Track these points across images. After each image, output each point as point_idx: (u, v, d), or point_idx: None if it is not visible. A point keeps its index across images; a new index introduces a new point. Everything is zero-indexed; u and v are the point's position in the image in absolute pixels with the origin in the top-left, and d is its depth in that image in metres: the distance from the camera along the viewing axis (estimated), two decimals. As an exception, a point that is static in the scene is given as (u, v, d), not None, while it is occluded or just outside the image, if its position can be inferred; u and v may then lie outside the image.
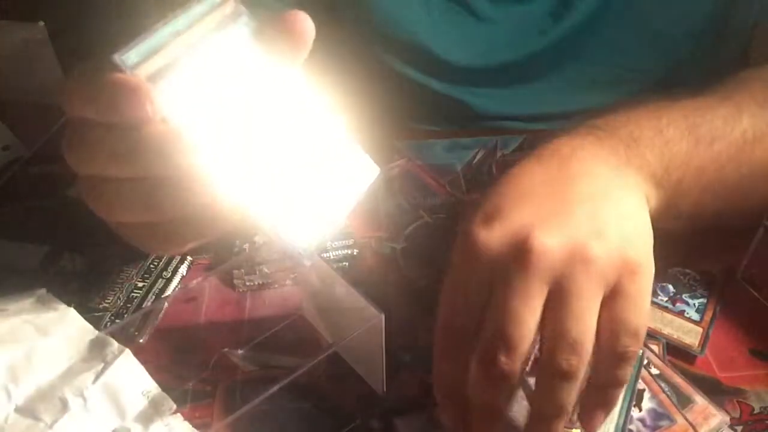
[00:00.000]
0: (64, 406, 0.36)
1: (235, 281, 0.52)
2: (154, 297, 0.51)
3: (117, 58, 0.32)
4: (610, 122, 0.44)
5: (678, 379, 0.44)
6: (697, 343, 0.46)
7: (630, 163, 0.42)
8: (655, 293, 0.50)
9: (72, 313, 0.41)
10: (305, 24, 0.36)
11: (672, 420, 0.41)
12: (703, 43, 0.67)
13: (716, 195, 0.46)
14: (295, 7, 0.62)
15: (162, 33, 0.34)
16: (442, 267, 0.39)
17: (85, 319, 0.41)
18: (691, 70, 0.69)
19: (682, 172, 0.44)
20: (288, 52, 0.37)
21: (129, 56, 0.33)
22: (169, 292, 0.51)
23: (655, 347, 0.46)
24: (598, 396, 0.39)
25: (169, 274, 0.52)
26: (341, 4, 0.69)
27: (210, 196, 0.34)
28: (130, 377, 0.37)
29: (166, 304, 0.50)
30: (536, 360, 0.44)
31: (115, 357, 0.38)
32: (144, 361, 0.38)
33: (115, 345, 0.38)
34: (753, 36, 0.66)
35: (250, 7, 0.36)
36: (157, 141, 0.33)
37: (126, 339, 0.39)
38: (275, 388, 0.41)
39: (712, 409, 0.42)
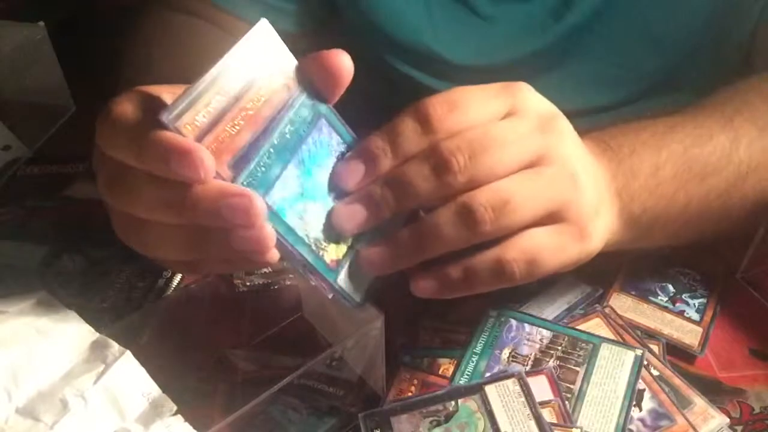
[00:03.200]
0: (65, 407, 0.36)
1: (236, 281, 0.52)
2: (154, 297, 0.51)
3: (165, 117, 0.32)
4: (620, 146, 0.45)
5: (678, 380, 0.44)
6: (697, 343, 0.46)
7: (621, 197, 0.44)
8: (655, 293, 0.50)
9: (73, 315, 0.41)
10: (345, 62, 0.38)
11: (672, 420, 0.41)
12: (702, 44, 0.67)
13: (697, 225, 0.47)
14: (297, 8, 0.63)
15: (205, 88, 0.33)
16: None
17: (85, 319, 0.41)
18: (691, 70, 0.69)
19: (665, 211, 0.45)
20: (328, 91, 0.38)
21: (176, 114, 0.33)
22: (169, 292, 0.51)
23: (655, 347, 0.46)
24: (450, 271, 0.38)
25: (169, 274, 0.52)
26: (342, 4, 0.69)
27: (257, 247, 0.34)
28: (131, 379, 0.38)
29: (166, 304, 0.50)
30: (536, 360, 0.44)
31: (116, 359, 0.38)
32: (144, 362, 0.38)
33: (115, 347, 0.38)
34: (755, 36, 0.66)
35: (250, 6, 0.36)
36: (208, 198, 0.33)
37: (126, 340, 0.39)
38: (275, 388, 0.41)
39: (711, 409, 0.42)
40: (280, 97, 0.37)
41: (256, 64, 0.36)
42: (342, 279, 0.38)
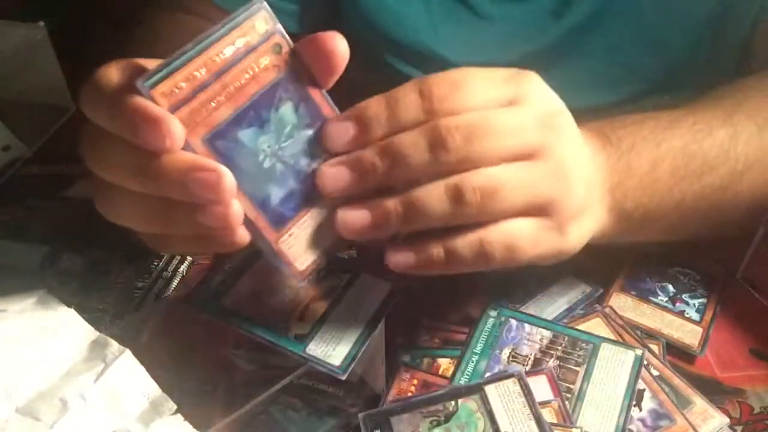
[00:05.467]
0: (65, 406, 0.36)
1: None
2: (154, 297, 0.51)
3: (140, 84, 0.32)
4: (620, 140, 0.45)
5: (678, 380, 0.44)
6: (697, 343, 0.46)
7: (614, 194, 0.44)
8: (655, 293, 0.50)
9: (72, 314, 0.41)
10: (340, 44, 0.37)
11: (672, 420, 0.41)
12: (702, 43, 0.67)
13: (691, 222, 0.47)
14: (298, 8, 0.62)
15: (187, 58, 0.33)
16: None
17: (85, 319, 0.41)
18: (690, 70, 0.69)
19: (657, 207, 0.46)
20: (322, 74, 0.38)
21: (152, 82, 0.32)
22: (169, 292, 0.51)
23: (655, 347, 0.46)
24: (430, 246, 0.38)
25: (169, 274, 0.52)
26: (342, 4, 0.69)
27: (221, 227, 0.34)
28: (131, 378, 0.38)
29: (166, 304, 0.50)
30: (536, 360, 0.44)
31: (116, 358, 0.38)
32: (144, 362, 0.38)
33: (115, 346, 0.38)
34: (754, 35, 0.66)
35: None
36: (176, 170, 0.33)
37: (126, 339, 0.39)
38: (275, 388, 0.41)
39: (711, 409, 0.42)
40: (269, 76, 0.36)
41: (246, 41, 0.35)
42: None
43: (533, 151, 0.38)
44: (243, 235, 0.35)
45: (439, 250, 0.38)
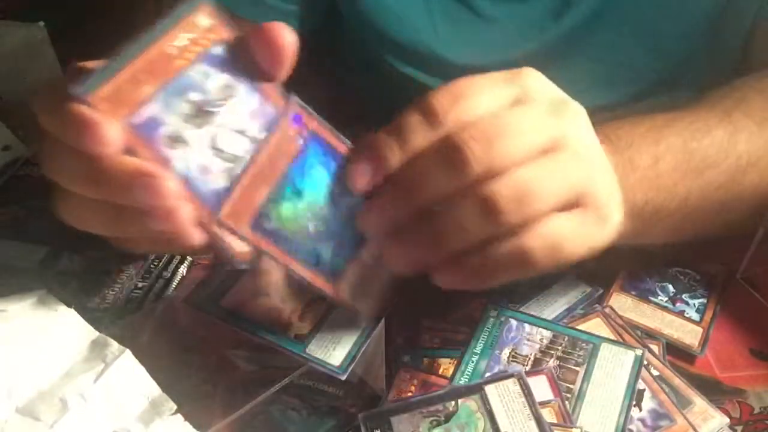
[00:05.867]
0: (65, 406, 0.36)
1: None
2: (154, 297, 0.51)
3: (78, 90, 0.32)
4: (618, 138, 0.45)
5: (678, 380, 0.44)
6: (697, 343, 0.46)
7: (622, 187, 0.43)
8: (655, 293, 0.50)
9: (72, 313, 0.41)
10: (287, 36, 0.36)
11: (672, 420, 0.41)
12: (701, 43, 0.67)
13: (697, 220, 0.47)
14: (298, 9, 0.62)
15: (126, 58, 0.33)
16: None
17: (85, 319, 0.41)
18: (689, 69, 0.69)
19: (664, 204, 0.45)
20: (270, 67, 0.37)
21: (89, 87, 0.32)
22: (169, 292, 0.51)
23: (655, 347, 0.46)
24: (472, 260, 0.37)
25: (169, 274, 0.52)
26: (342, 4, 0.69)
27: (173, 230, 0.34)
28: (131, 378, 0.38)
29: (166, 304, 0.50)
30: (536, 360, 0.44)
31: (116, 358, 0.38)
32: (144, 362, 0.38)
33: (115, 346, 0.38)
34: (753, 35, 0.66)
35: (252, 8, 0.36)
36: (120, 174, 0.33)
37: (126, 339, 0.39)
38: (275, 388, 0.41)
39: (711, 409, 0.42)
40: (293, 147, 0.37)
41: (189, 38, 0.35)
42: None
43: (553, 144, 0.37)
44: (198, 237, 0.35)
45: (482, 262, 0.37)
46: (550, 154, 0.37)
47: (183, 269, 0.53)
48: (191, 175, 0.35)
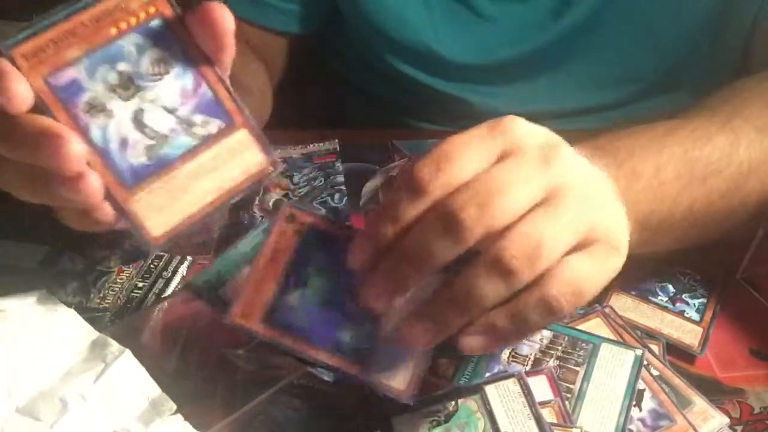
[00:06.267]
0: (65, 406, 0.36)
1: (236, 281, 0.52)
2: (154, 297, 0.51)
3: (1, 44, 0.32)
4: (617, 150, 0.45)
5: (678, 380, 0.44)
6: (697, 343, 0.46)
7: (625, 198, 0.43)
8: (655, 293, 0.50)
9: (72, 314, 0.41)
10: (224, 17, 0.35)
11: (672, 420, 0.41)
12: (701, 43, 0.67)
13: (702, 227, 0.47)
14: (300, 9, 0.61)
15: (53, 21, 0.33)
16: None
17: (85, 319, 0.41)
18: (690, 69, 0.69)
19: (669, 213, 0.45)
20: (209, 48, 0.36)
21: (12, 43, 0.32)
22: (169, 292, 0.51)
23: (655, 347, 0.46)
24: (497, 321, 0.36)
25: (169, 274, 0.52)
26: (342, 5, 0.69)
27: (78, 200, 0.33)
28: (131, 378, 0.38)
29: (165, 304, 0.50)
30: (536, 360, 0.44)
31: (116, 358, 0.38)
32: (144, 362, 0.38)
33: (115, 346, 0.38)
34: (754, 35, 0.66)
35: (253, 7, 0.36)
36: (27, 133, 0.32)
37: (126, 340, 0.39)
38: (275, 388, 0.41)
39: (711, 409, 0.42)
40: (292, 241, 0.38)
41: (118, 4, 0.35)
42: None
43: (549, 191, 0.36)
44: (107, 211, 0.34)
45: (506, 320, 0.36)
46: (549, 201, 0.36)
47: (183, 269, 0.53)
48: (109, 147, 0.34)
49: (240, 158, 0.37)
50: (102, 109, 0.34)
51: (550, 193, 0.36)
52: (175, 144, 0.36)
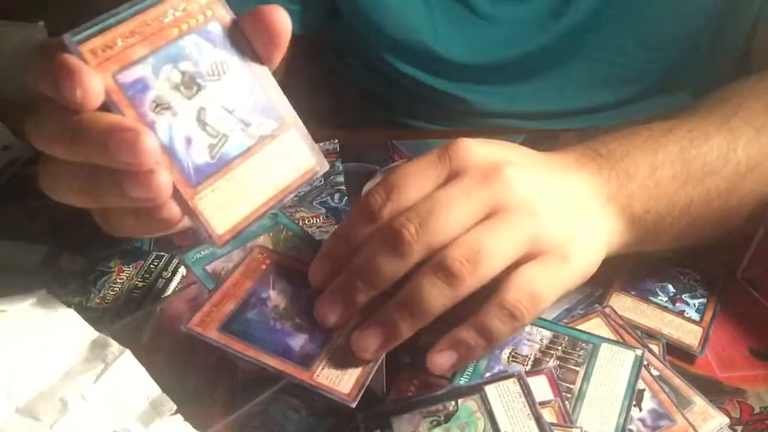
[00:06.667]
0: (65, 406, 0.36)
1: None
2: (154, 297, 0.51)
3: (67, 39, 0.32)
4: (611, 152, 0.46)
5: (678, 380, 0.44)
6: (697, 343, 0.46)
7: (617, 199, 0.44)
8: (655, 293, 0.50)
9: (72, 313, 0.41)
10: (282, 19, 0.36)
11: (672, 420, 0.41)
12: (701, 43, 0.67)
13: (700, 227, 0.47)
14: (300, 8, 0.62)
15: (120, 18, 0.33)
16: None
17: (85, 319, 0.41)
18: (689, 69, 0.69)
19: (666, 212, 0.46)
20: (264, 49, 0.37)
21: (80, 38, 0.32)
22: (169, 292, 0.51)
23: (655, 347, 0.46)
24: (463, 335, 0.39)
25: (169, 274, 0.52)
26: (342, 4, 0.69)
27: (148, 197, 0.33)
28: (131, 378, 0.38)
29: (166, 304, 0.50)
30: (536, 360, 0.44)
31: (116, 358, 0.38)
32: (144, 362, 0.38)
33: (115, 346, 0.38)
34: (754, 35, 0.66)
35: (254, 5, 0.36)
36: (96, 130, 0.32)
37: (126, 339, 0.39)
38: (275, 388, 0.41)
39: (711, 409, 0.42)
40: (259, 271, 0.41)
41: (185, 7, 0.35)
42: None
43: (489, 209, 0.39)
44: (173, 210, 0.34)
45: (470, 332, 0.39)
46: (491, 216, 0.39)
47: (183, 269, 0.53)
48: (174, 144, 0.35)
49: (291, 158, 0.39)
50: (167, 108, 0.35)
51: (492, 210, 0.39)
52: (234, 143, 0.37)
